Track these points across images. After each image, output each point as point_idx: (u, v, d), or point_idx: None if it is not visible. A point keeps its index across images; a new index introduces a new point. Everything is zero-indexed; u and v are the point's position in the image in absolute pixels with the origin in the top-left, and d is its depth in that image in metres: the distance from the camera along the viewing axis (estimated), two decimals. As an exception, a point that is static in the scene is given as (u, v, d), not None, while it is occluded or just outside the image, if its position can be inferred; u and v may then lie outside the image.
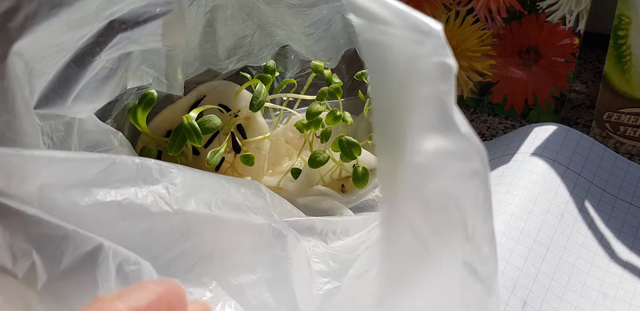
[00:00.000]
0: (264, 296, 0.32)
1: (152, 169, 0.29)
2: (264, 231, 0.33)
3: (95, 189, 0.26)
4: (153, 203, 0.28)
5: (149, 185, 0.28)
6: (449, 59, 0.23)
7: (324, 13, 0.44)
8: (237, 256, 0.32)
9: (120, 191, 0.27)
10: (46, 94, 0.29)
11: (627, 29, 0.47)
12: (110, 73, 0.34)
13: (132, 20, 0.31)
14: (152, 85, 0.41)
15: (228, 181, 0.35)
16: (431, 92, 0.22)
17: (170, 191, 0.29)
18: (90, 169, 0.26)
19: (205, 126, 0.40)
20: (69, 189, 0.25)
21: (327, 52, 0.48)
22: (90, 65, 0.30)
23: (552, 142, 0.46)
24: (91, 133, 0.35)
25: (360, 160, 0.43)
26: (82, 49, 0.30)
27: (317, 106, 0.43)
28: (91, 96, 0.32)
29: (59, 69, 0.29)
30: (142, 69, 0.39)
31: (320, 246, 0.37)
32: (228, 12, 0.43)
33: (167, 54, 0.39)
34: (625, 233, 0.43)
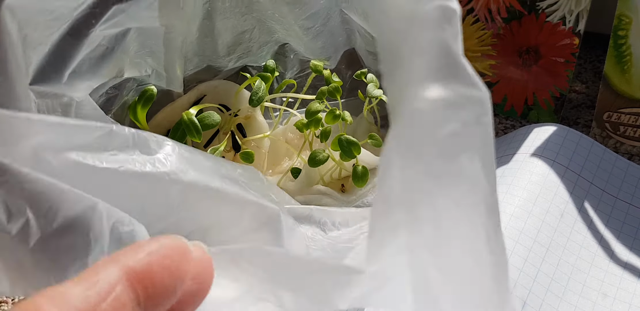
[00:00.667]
0: None
1: (148, 140, 0.29)
2: (262, 209, 0.33)
3: (91, 155, 0.25)
4: (151, 170, 0.28)
5: (145, 155, 0.28)
6: (452, 2, 0.22)
7: (322, 3, 0.44)
8: (234, 231, 0.32)
9: (117, 158, 0.26)
10: (42, 69, 0.29)
11: (627, 29, 0.47)
12: (107, 51, 0.33)
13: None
14: (151, 78, 0.41)
15: (225, 161, 0.35)
16: (436, 37, 0.22)
17: (168, 161, 0.29)
18: (86, 135, 0.25)
19: (204, 122, 0.40)
20: (64, 153, 0.24)
21: (326, 49, 0.48)
22: (86, 38, 0.30)
23: (552, 143, 0.46)
24: (88, 118, 0.34)
25: (360, 159, 0.43)
26: (77, 20, 0.29)
27: (317, 104, 0.43)
28: (87, 72, 0.32)
29: (54, 42, 0.29)
30: (140, 56, 0.39)
31: (319, 234, 0.37)
32: (226, 3, 0.43)
33: (164, 37, 0.39)
34: (625, 233, 0.43)
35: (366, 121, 0.49)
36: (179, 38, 0.40)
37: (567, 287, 0.38)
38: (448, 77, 0.21)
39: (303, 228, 0.37)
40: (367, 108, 0.48)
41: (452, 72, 0.22)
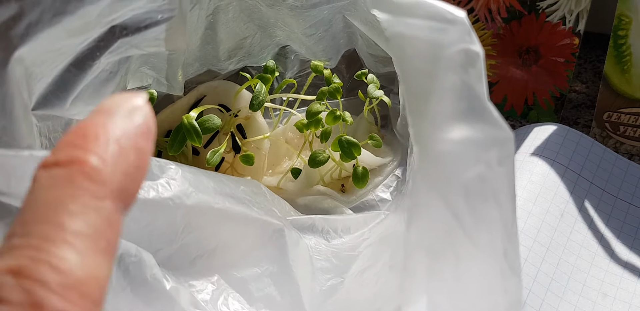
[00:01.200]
0: (268, 290, 0.32)
1: (151, 166, 0.29)
2: (266, 225, 0.33)
3: None
4: (154, 197, 0.28)
5: (148, 181, 0.28)
6: (475, 46, 0.23)
7: (325, 14, 0.44)
8: (239, 250, 0.32)
9: None
10: (45, 96, 0.29)
11: (627, 29, 0.47)
12: (110, 76, 0.34)
13: (133, 26, 0.31)
14: (152, 85, 0.41)
15: (228, 178, 0.35)
16: (460, 80, 0.22)
17: (171, 185, 0.29)
18: None
19: (205, 125, 0.40)
20: None
21: (327, 52, 0.48)
22: (90, 69, 0.31)
23: (552, 143, 0.46)
24: None
25: (360, 160, 0.43)
26: (82, 53, 0.30)
27: (317, 105, 0.43)
28: (90, 97, 0.33)
29: (59, 73, 0.29)
30: (141, 70, 0.39)
31: (322, 244, 0.37)
32: (229, 14, 0.43)
33: (168, 57, 0.39)
34: (625, 233, 0.43)
35: (366, 121, 0.49)
36: (182, 56, 0.40)
37: (567, 287, 0.38)
38: (473, 119, 0.22)
39: (306, 238, 0.37)
40: (368, 108, 0.48)
41: (477, 113, 0.22)
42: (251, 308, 0.30)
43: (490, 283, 0.21)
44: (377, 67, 0.49)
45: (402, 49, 0.24)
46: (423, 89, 0.23)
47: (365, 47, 0.47)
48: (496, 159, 0.22)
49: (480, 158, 0.21)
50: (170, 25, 0.33)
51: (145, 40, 0.33)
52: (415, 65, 0.24)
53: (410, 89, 0.24)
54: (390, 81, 0.50)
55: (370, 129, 0.49)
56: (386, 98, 0.46)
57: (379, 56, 0.48)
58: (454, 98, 0.22)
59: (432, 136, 0.22)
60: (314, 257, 0.36)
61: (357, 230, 0.39)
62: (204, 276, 0.31)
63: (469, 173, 0.21)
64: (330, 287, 0.34)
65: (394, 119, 0.49)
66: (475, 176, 0.21)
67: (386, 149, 0.48)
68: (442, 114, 0.22)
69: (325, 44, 0.47)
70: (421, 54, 0.23)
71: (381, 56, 0.48)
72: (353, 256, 0.36)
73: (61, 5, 0.26)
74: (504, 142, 0.22)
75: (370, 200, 0.45)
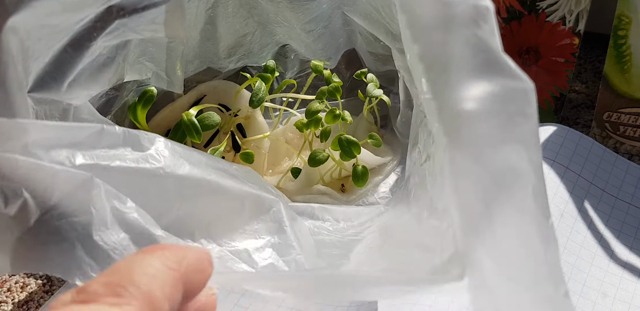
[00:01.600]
0: (272, 259, 0.32)
1: (140, 138, 0.29)
2: (261, 200, 0.33)
3: (80, 152, 0.26)
4: (144, 166, 0.28)
5: (138, 151, 0.28)
6: (484, 1, 0.23)
7: (324, 8, 0.44)
8: (237, 223, 0.32)
9: (108, 155, 0.27)
10: (42, 78, 0.29)
11: (627, 29, 0.47)
12: (107, 61, 0.34)
13: (130, 6, 0.31)
14: (152, 81, 0.41)
15: (220, 159, 0.35)
16: (473, 34, 0.22)
17: (161, 156, 0.29)
18: (76, 134, 0.26)
19: (204, 122, 0.40)
20: (55, 150, 0.25)
21: (327, 50, 0.48)
22: (87, 50, 0.30)
23: (552, 143, 0.46)
24: (86, 121, 0.34)
25: (360, 159, 0.43)
26: (79, 33, 0.30)
27: (316, 104, 0.43)
28: (87, 82, 0.32)
29: (55, 53, 0.29)
30: (141, 61, 0.39)
31: (323, 229, 0.37)
32: (229, 9, 0.43)
33: (166, 46, 0.39)
34: (625, 233, 0.43)
35: (366, 121, 0.49)
36: (181, 46, 0.40)
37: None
38: (490, 72, 0.22)
39: (306, 222, 0.37)
40: (367, 108, 0.48)
41: (494, 66, 0.22)
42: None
43: (528, 233, 0.21)
44: (377, 65, 0.49)
45: (413, 9, 0.24)
46: (437, 46, 0.23)
47: (364, 45, 0.47)
48: (518, 111, 0.21)
49: (502, 111, 0.21)
50: (167, 9, 0.33)
51: (142, 22, 0.33)
52: (428, 23, 0.23)
53: (423, 47, 0.24)
54: (390, 81, 0.50)
55: (370, 129, 0.49)
56: (385, 97, 0.46)
57: (378, 54, 0.48)
58: (470, 53, 0.22)
59: (451, 94, 0.22)
60: (316, 234, 0.36)
61: (357, 220, 0.39)
62: (207, 248, 0.31)
63: (492, 126, 0.21)
64: (334, 263, 0.34)
65: (394, 118, 0.49)
66: (499, 129, 0.21)
67: (386, 148, 0.48)
68: (460, 71, 0.22)
69: (325, 41, 0.47)
70: (432, 11, 0.23)
71: (381, 54, 0.48)
72: (357, 240, 0.36)
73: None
74: (524, 93, 0.22)
75: (371, 199, 0.45)
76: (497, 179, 0.21)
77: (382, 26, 0.38)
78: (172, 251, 0.19)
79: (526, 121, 0.21)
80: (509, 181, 0.21)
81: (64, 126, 0.25)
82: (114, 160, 0.27)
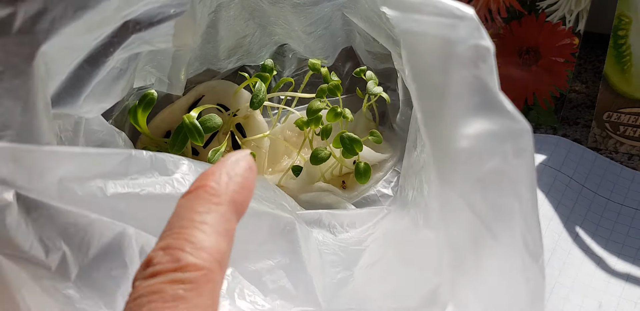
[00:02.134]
0: (281, 282, 0.32)
1: (166, 162, 0.29)
2: (277, 219, 0.33)
3: (113, 181, 0.26)
4: (170, 192, 0.28)
5: (164, 176, 0.29)
6: (485, 41, 0.23)
7: (326, 11, 0.44)
8: (253, 244, 0.33)
9: (138, 182, 0.27)
10: (58, 94, 0.29)
11: (627, 29, 0.47)
12: (120, 73, 0.34)
13: (146, 21, 0.31)
14: (154, 85, 0.41)
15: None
16: (471, 75, 0.22)
17: (186, 180, 0.29)
18: (107, 162, 0.26)
19: (206, 125, 0.40)
20: (88, 182, 0.25)
21: (325, 50, 0.48)
22: (103, 65, 0.31)
23: (556, 154, 0.47)
24: (97, 133, 0.35)
25: (361, 156, 0.43)
26: (96, 49, 0.30)
27: (317, 103, 0.43)
28: (101, 95, 0.33)
29: (72, 70, 0.29)
30: (146, 69, 0.39)
31: (329, 238, 0.37)
32: (231, 12, 0.43)
33: (174, 54, 0.39)
34: (612, 240, 0.43)
35: (365, 118, 0.49)
36: (188, 54, 0.40)
37: (567, 297, 0.38)
38: (487, 113, 0.22)
39: (314, 231, 0.37)
40: (367, 105, 0.48)
41: (491, 107, 0.22)
42: (266, 298, 0.30)
43: (512, 274, 0.22)
44: (375, 64, 0.49)
45: (414, 46, 0.24)
46: (435, 86, 0.23)
47: (363, 44, 0.47)
48: (512, 152, 0.22)
49: (495, 151, 0.22)
50: (179, 20, 0.34)
51: (157, 35, 0.33)
52: (427, 62, 0.24)
53: (421, 86, 0.24)
54: (387, 78, 0.50)
55: (369, 126, 0.49)
56: (385, 94, 0.46)
57: (376, 53, 0.48)
58: (467, 93, 0.22)
59: (446, 132, 0.22)
60: (322, 250, 0.36)
61: (362, 225, 0.39)
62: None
63: (485, 167, 0.22)
64: (340, 280, 0.34)
65: (393, 115, 0.49)
66: (492, 170, 0.22)
67: (386, 145, 0.48)
68: (456, 110, 0.22)
69: (324, 42, 0.47)
70: (432, 50, 0.24)
71: (379, 53, 0.48)
72: (360, 250, 0.36)
73: (83, 0, 0.26)
74: (520, 133, 0.22)
75: (372, 195, 0.45)
76: (486, 222, 0.22)
77: (383, 31, 0.38)
78: (212, 188, 0.20)
79: (521, 162, 0.22)
80: (499, 225, 0.22)
81: (93, 154, 0.26)
82: (144, 187, 0.27)
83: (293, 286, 0.32)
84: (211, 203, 0.20)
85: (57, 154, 0.24)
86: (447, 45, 0.23)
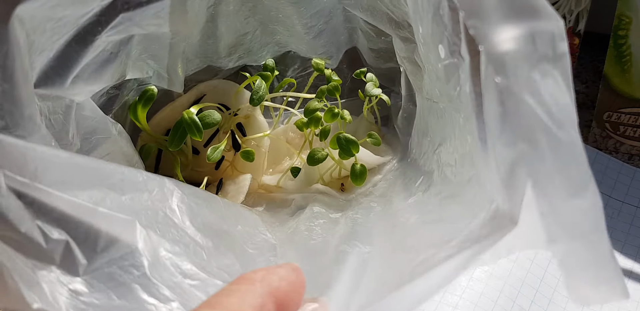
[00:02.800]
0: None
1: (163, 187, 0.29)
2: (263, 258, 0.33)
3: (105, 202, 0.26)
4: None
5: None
6: None
7: (325, 1, 0.44)
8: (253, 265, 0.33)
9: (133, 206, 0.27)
10: (46, 73, 0.29)
11: (627, 29, 0.47)
12: (111, 57, 0.33)
13: (135, 0, 0.31)
14: (152, 79, 0.41)
15: (230, 213, 0.35)
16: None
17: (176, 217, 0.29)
18: (100, 181, 0.26)
19: (205, 121, 0.40)
20: (86, 190, 0.25)
21: (328, 48, 0.48)
22: (91, 45, 0.30)
23: None
24: (89, 119, 0.34)
25: (359, 158, 0.43)
26: (83, 27, 0.29)
27: (315, 103, 0.43)
28: (90, 77, 0.32)
29: (60, 47, 0.29)
30: (142, 59, 0.39)
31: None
32: (230, 7, 0.43)
33: (169, 43, 0.39)
34: (614, 238, 0.43)
35: (366, 121, 0.49)
36: (183, 43, 0.40)
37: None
38: (520, 15, 0.22)
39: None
40: (367, 107, 0.48)
41: (523, 8, 0.22)
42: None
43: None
44: (378, 63, 0.49)
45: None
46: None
47: (366, 41, 0.47)
48: (547, 52, 0.21)
49: (534, 55, 0.21)
50: (170, 4, 0.33)
51: (146, 17, 0.32)
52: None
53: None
54: (391, 81, 0.50)
55: (370, 129, 0.49)
56: (385, 96, 0.46)
57: (380, 51, 0.48)
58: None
59: (488, 38, 0.22)
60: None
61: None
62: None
63: (529, 70, 0.21)
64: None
65: (395, 117, 0.49)
66: (535, 73, 0.21)
67: (386, 147, 0.48)
68: (491, 14, 0.22)
69: (326, 38, 0.47)
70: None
71: (382, 50, 0.47)
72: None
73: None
74: (559, 34, 0.21)
75: (369, 198, 0.45)
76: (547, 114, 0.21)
77: (385, 15, 0.38)
78: (259, 288, 0.20)
79: (560, 63, 0.21)
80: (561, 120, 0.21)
81: (88, 168, 0.25)
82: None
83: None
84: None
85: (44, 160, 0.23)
86: None
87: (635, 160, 0.51)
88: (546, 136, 0.21)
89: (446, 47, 0.27)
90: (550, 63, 0.21)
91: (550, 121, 0.21)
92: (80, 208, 0.24)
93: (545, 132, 0.21)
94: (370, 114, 0.49)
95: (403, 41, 0.39)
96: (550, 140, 0.21)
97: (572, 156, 0.21)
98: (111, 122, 0.37)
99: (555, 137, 0.21)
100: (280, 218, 0.42)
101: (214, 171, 0.45)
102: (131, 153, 0.39)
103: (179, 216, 0.29)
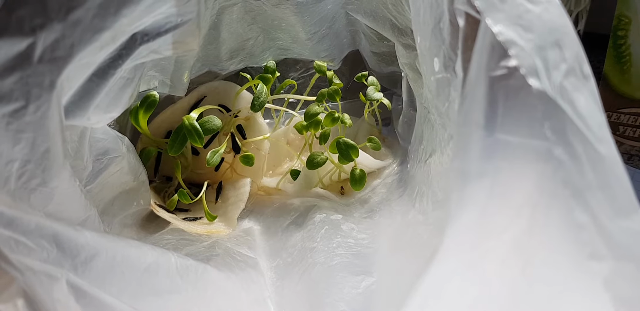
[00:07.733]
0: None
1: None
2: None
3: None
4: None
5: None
6: None
7: (328, 8, 0.44)
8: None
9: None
10: (67, 108, 0.29)
11: (627, 29, 0.47)
12: (127, 82, 0.34)
13: (153, 31, 0.31)
14: (157, 87, 0.41)
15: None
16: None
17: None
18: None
19: (206, 126, 0.40)
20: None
21: (330, 51, 0.48)
22: (112, 77, 0.30)
23: None
24: (101, 141, 0.35)
25: (359, 162, 0.43)
26: (104, 62, 0.30)
27: (315, 107, 0.43)
28: (109, 105, 0.33)
29: (81, 83, 0.29)
30: (150, 73, 0.39)
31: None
32: (234, 15, 0.43)
33: (177, 58, 0.39)
34: None
35: (367, 124, 0.49)
36: (193, 58, 0.40)
37: None
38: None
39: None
40: (368, 111, 0.48)
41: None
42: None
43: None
44: (380, 66, 0.49)
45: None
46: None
47: (368, 45, 0.48)
48: (579, 69, 0.21)
49: (562, 65, 0.21)
50: (186, 27, 0.33)
51: (164, 44, 0.33)
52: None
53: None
54: (393, 83, 0.50)
55: (371, 132, 0.49)
56: (386, 100, 0.46)
57: (382, 54, 0.48)
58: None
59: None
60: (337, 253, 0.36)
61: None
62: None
63: (562, 79, 0.21)
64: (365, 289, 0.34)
65: (396, 120, 0.48)
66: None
67: (386, 151, 0.48)
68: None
69: (329, 42, 0.47)
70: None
71: (384, 53, 0.48)
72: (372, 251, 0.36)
73: (100, 22, 0.26)
74: (579, 53, 0.22)
75: (369, 203, 0.44)
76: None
77: (387, 21, 0.38)
78: None
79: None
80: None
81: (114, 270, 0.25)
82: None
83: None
84: None
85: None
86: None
87: (634, 160, 0.51)
88: (583, 146, 0.20)
89: (441, 60, 0.27)
90: (579, 80, 0.21)
91: (588, 133, 0.20)
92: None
93: (582, 142, 0.20)
94: (371, 116, 0.49)
95: (405, 48, 0.39)
96: (589, 152, 0.20)
97: (614, 175, 0.20)
98: (120, 138, 0.37)
99: (595, 150, 0.20)
100: (280, 226, 0.41)
101: (213, 173, 0.45)
102: (137, 165, 0.39)
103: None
